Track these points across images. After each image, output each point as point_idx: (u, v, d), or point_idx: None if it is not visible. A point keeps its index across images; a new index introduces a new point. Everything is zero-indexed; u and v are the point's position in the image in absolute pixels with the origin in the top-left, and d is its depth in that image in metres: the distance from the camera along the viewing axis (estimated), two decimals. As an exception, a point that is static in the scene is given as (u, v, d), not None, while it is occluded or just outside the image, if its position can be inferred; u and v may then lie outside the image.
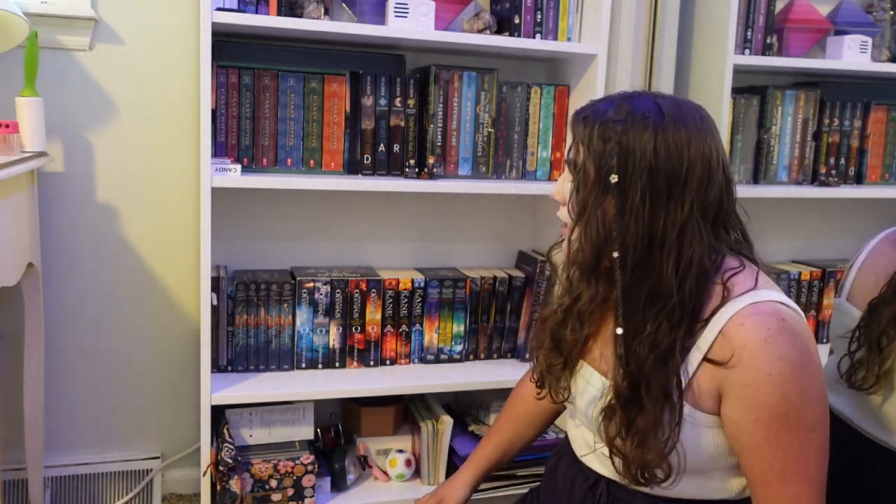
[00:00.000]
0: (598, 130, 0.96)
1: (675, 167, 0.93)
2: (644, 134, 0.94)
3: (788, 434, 0.91)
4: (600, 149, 0.96)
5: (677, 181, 0.93)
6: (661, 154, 0.93)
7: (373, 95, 1.71)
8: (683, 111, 0.97)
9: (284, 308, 1.73)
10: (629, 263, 0.95)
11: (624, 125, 0.95)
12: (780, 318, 0.92)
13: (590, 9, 1.76)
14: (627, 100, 0.98)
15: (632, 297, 0.96)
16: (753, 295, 0.94)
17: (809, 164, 2.03)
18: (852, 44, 1.97)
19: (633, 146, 0.94)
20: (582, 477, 1.13)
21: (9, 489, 1.76)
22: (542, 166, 1.85)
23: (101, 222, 1.79)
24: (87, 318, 1.81)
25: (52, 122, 1.69)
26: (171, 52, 1.76)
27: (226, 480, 1.54)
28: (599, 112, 0.98)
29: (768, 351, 0.90)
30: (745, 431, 0.93)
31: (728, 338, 0.93)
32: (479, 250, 2.02)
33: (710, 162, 0.95)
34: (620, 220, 0.95)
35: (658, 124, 0.94)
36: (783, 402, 0.90)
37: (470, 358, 1.89)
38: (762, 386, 0.90)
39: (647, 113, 0.95)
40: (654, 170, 0.93)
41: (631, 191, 0.94)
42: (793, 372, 0.90)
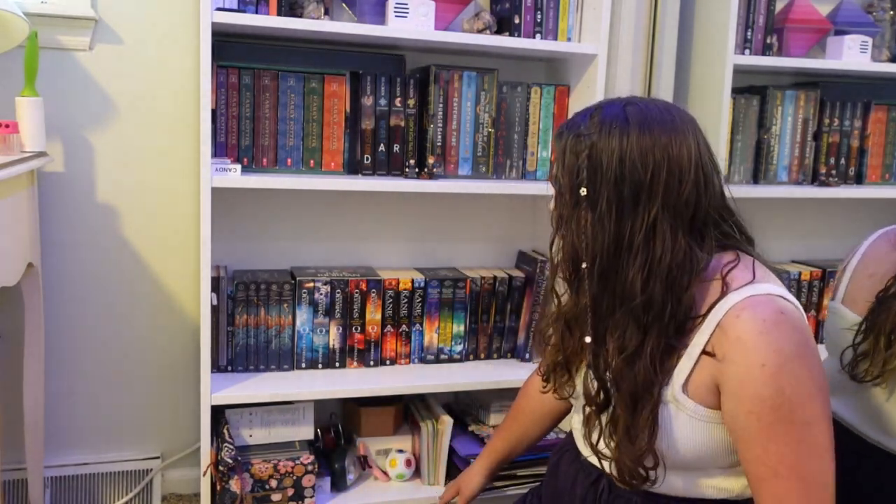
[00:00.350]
0: (571, 144, 0.99)
1: (640, 174, 0.95)
2: (610, 144, 0.96)
3: (782, 428, 0.90)
4: (572, 162, 0.99)
5: (642, 186, 0.95)
6: (625, 162, 0.95)
7: (373, 95, 1.71)
8: (651, 115, 0.98)
9: (284, 308, 1.73)
10: (596, 271, 0.98)
11: (591, 138, 0.97)
12: (777, 309, 0.92)
13: (590, 9, 1.76)
14: (599, 110, 1.00)
15: (601, 304, 0.99)
16: (752, 288, 0.95)
17: (809, 164, 2.03)
18: (852, 44, 1.97)
19: (600, 158, 0.96)
20: (584, 474, 1.13)
21: (9, 489, 1.76)
22: (542, 166, 1.85)
23: (101, 222, 1.79)
24: (87, 318, 1.81)
25: (52, 122, 1.69)
26: (171, 52, 1.76)
27: (226, 480, 1.54)
28: (573, 125, 1.01)
29: (763, 342, 0.90)
30: (740, 424, 0.93)
31: (724, 330, 0.94)
32: (479, 250, 2.02)
33: (679, 163, 0.96)
34: (590, 230, 0.98)
35: (623, 132, 0.96)
36: (777, 395, 0.90)
37: (470, 358, 1.89)
38: (756, 377, 0.90)
39: (614, 122, 0.97)
40: (619, 178, 0.95)
41: (599, 201, 0.97)
42: (788, 364, 0.90)
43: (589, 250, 0.98)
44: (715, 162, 1.01)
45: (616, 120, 0.97)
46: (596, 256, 0.97)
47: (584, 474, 1.13)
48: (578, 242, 0.99)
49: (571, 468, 1.16)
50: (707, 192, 0.98)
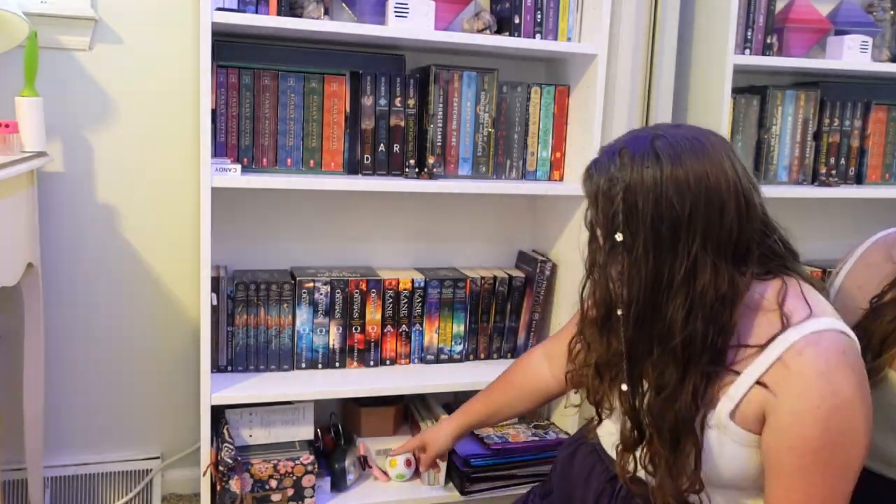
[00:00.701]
0: (604, 187, 0.95)
1: (678, 212, 0.91)
2: (644, 184, 0.92)
3: (818, 469, 0.89)
4: (607, 208, 0.95)
5: (681, 223, 0.91)
6: (662, 202, 0.91)
7: (373, 95, 1.71)
8: (681, 146, 0.94)
9: (284, 308, 1.73)
10: (632, 317, 0.95)
11: (623, 180, 0.93)
12: (840, 349, 0.91)
13: (590, 9, 1.76)
14: (627, 147, 0.96)
15: (636, 348, 0.96)
16: (813, 323, 0.92)
17: (809, 164, 2.03)
18: (852, 44, 1.97)
19: (635, 200, 0.92)
20: (602, 467, 1.13)
21: (9, 489, 1.76)
22: (542, 166, 1.85)
23: (101, 222, 1.79)
24: (87, 318, 1.81)
25: (52, 122, 1.69)
26: (171, 52, 1.76)
27: (226, 480, 1.54)
28: (602, 166, 0.97)
29: (822, 383, 0.88)
30: (776, 456, 0.92)
31: (786, 364, 0.91)
32: (479, 250, 2.02)
33: (718, 192, 0.92)
34: (626, 275, 0.94)
35: (656, 169, 0.92)
36: (823, 436, 0.88)
37: (470, 358, 1.89)
38: (807, 416, 0.88)
39: (646, 160, 0.93)
40: (656, 220, 0.92)
41: (635, 245, 0.93)
42: (841, 409, 0.88)
43: (625, 296, 0.95)
44: (753, 180, 0.97)
45: (646, 156, 0.93)
46: (632, 302, 0.94)
47: (602, 468, 1.13)
48: (614, 288, 0.97)
49: (588, 460, 1.16)
50: (749, 215, 0.95)
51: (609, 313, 0.99)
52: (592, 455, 1.16)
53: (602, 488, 1.11)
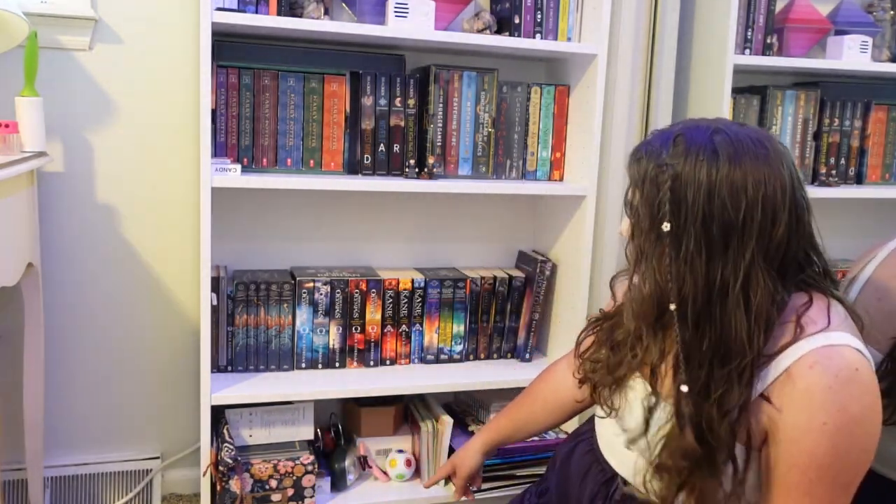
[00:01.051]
0: (652, 173, 0.91)
1: (731, 215, 0.87)
2: (696, 177, 0.88)
3: (821, 487, 0.86)
4: (653, 195, 0.91)
5: (733, 228, 0.88)
6: (715, 201, 0.87)
7: (373, 95, 1.70)
8: (743, 146, 0.89)
9: (284, 308, 1.73)
10: (689, 316, 0.90)
11: (674, 167, 0.89)
12: (851, 366, 0.87)
13: (590, 9, 1.76)
14: (682, 135, 0.92)
15: (696, 351, 0.91)
16: (826, 336, 0.88)
17: (809, 164, 2.03)
18: (852, 44, 1.97)
19: (685, 192, 0.89)
20: (597, 469, 1.11)
21: (9, 489, 1.76)
22: (542, 166, 1.85)
23: (101, 222, 1.79)
24: (86, 318, 1.81)
25: (52, 122, 1.69)
26: (171, 52, 1.76)
27: (226, 480, 1.54)
28: (653, 151, 0.93)
29: (830, 399, 0.85)
30: (779, 472, 0.89)
31: (792, 377, 0.88)
32: (479, 250, 2.02)
33: (774, 202, 0.88)
34: (676, 270, 0.90)
35: (712, 165, 0.88)
36: (828, 454, 0.85)
37: (470, 358, 1.89)
38: (813, 433, 0.85)
39: (701, 153, 0.89)
40: (707, 218, 0.88)
41: (684, 239, 0.89)
42: (849, 426, 0.85)
43: (678, 291, 0.90)
44: (806, 198, 0.93)
45: (703, 149, 0.89)
46: (686, 299, 0.90)
47: (597, 469, 1.11)
48: (664, 282, 0.91)
49: (585, 460, 1.15)
50: (799, 232, 0.91)
51: (660, 309, 0.94)
52: (590, 455, 1.15)
53: (597, 490, 1.10)
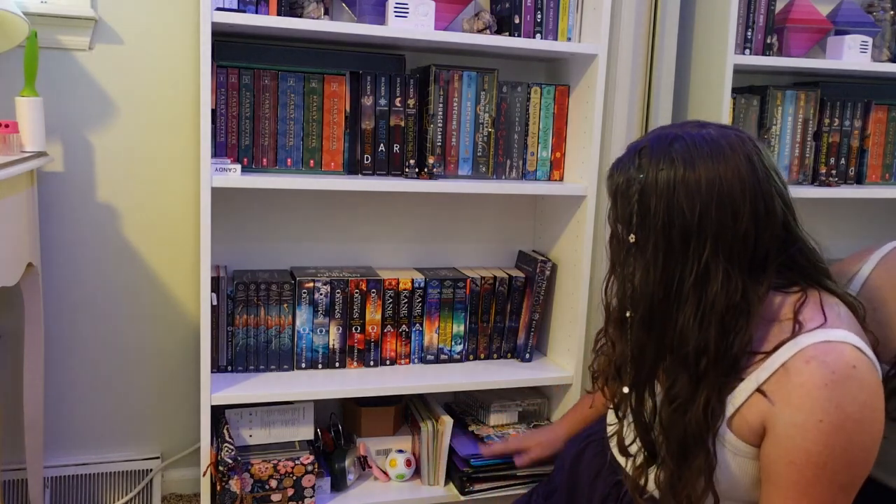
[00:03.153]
0: (622, 187, 0.95)
1: (688, 217, 0.90)
2: (658, 187, 0.91)
3: (818, 486, 0.86)
4: (624, 208, 0.95)
5: (691, 229, 0.90)
6: (674, 207, 0.90)
7: (373, 95, 1.70)
8: (698, 149, 0.91)
9: (284, 308, 1.73)
10: (640, 320, 0.94)
11: (640, 181, 0.93)
12: (849, 363, 0.86)
13: (590, 9, 1.76)
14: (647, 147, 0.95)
15: (644, 352, 0.94)
16: (825, 332, 0.89)
17: (809, 164, 2.03)
18: (852, 44, 1.97)
19: (648, 203, 0.92)
20: (609, 471, 1.11)
21: (9, 489, 1.76)
22: (542, 166, 1.85)
23: (101, 222, 1.79)
24: (87, 318, 1.81)
25: (52, 122, 1.69)
26: (171, 52, 1.76)
27: (226, 480, 1.54)
28: (623, 166, 0.97)
29: (826, 396, 0.85)
30: (776, 470, 0.89)
31: (789, 373, 0.88)
32: (479, 250, 2.02)
33: (731, 198, 0.90)
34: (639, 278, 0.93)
35: (669, 172, 0.91)
36: (825, 452, 0.85)
37: (470, 358, 1.89)
38: (809, 430, 0.85)
39: (661, 162, 0.92)
40: (667, 224, 0.91)
41: (647, 247, 0.92)
42: (846, 425, 0.85)
43: (634, 298, 0.94)
44: (778, 186, 0.95)
45: (662, 158, 0.92)
46: (639, 304, 0.94)
47: (608, 471, 1.12)
48: (626, 290, 0.96)
49: (596, 461, 1.15)
50: (769, 221, 0.92)
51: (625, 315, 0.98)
52: (601, 456, 1.15)
53: (608, 492, 1.10)
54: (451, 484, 1.77)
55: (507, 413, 1.89)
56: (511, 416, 1.89)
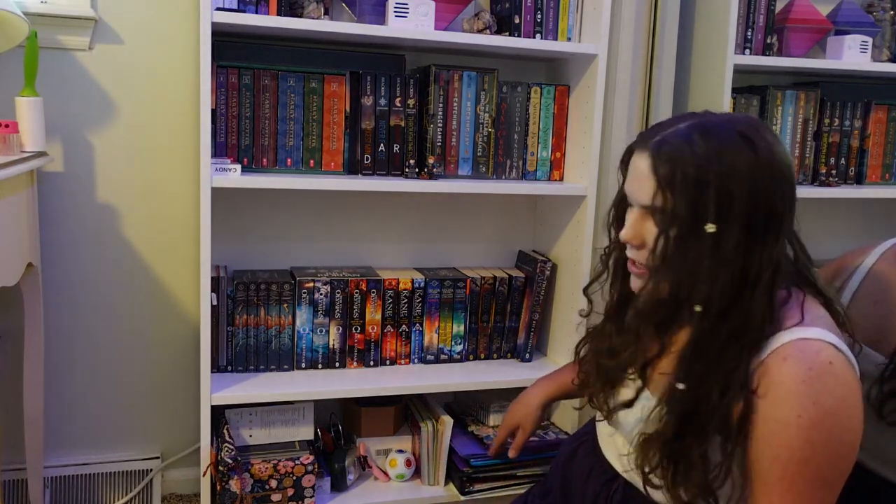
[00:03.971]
0: (693, 173, 0.88)
1: (774, 200, 0.87)
2: (740, 171, 0.86)
3: (802, 482, 0.87)
4: (695, 196, 0.88)
5: (775, 214, 0.88)
6: (759, 194, 0.87)
7: (373, 95, 1.70)
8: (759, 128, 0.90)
9: (284, 308, 1.73)
10: (713, 312, 0.89)
11: (719, 165, 0.87)
12: (825, 360, 0.87)
13: (590, 9, 1.76)
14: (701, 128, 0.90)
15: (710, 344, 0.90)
16: (802, 330, 0.89)
17: (810, 164, 2.03)
18: (852, 44, 1.97)
19: (731, 188, 0.86)
20: (600, 469, 1.12)
21: (9, 489, 1.76)
22: (542, 166, 1.85)
23: (101, 222, 1.79)
24: (86, 318, 1.81)
25: (52, 122, 1.69)
26: (171, 52, 1.76)
27: (226, 480, 1.54)
28: (681, 148, 0.89)
29: (804, 392, 0.85)
30: (761, 467, 0.89)
31: (768, 369, 0.89)
32: (479, 250, 2.02)
33: (793, 177, 0.90)
34: (710, 269, 0.88)
35: (749, 154, 0.87)
36: (806, 448, 0.86)
37: (470, 358, 1.89)
38: (790, 426, 0.86)
39: (738, 148, 0.87)
40: (751, 209, 0.87)
41: (728, 236, 0.87)
42: (825, 420, 0.85)
43: (705, 292, 0.88)
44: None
45: (731, 140, 0.87)
46: (715, 297, 0.88)
47: (599, 470, 1.12)
48: (690, 284, 0.89)
49: (588, 460, 1.15)
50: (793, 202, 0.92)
51: (678, 308, 0.93)
52: (592, 455, 1.15)
53: (599, 489, 1.10)
54: (451, 484, 1.77)
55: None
56: (511, 416, 1.89)
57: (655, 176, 0.91)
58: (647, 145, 0.94)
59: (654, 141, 0.93)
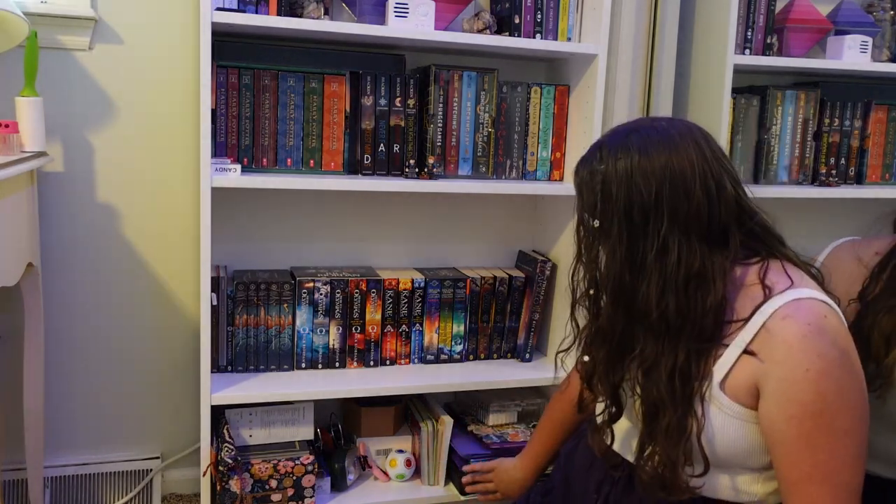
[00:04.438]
0: (586, 179, 1.04)
1: (645, 197, 0.98)
2: (617, 174, 1.00)
3: (820, 435, 0.91)
4: (588, 199, 1.04)
5: (649, 208, 0.98)
6: (632, 189, 0.99)
7: (373, 95, 1.70)
8: (650, 138, 1.01)
9: (284, 308, 1.73)
10: (610, 296, 1.02)
11: (601, 172, 1.02)
12: (821, 315, 0.94)
13: (590, 9, 1.76)
14: (605, 142, 1.04)
15: (614, 324, 1.03)
16: (795, 291, 0.96)
17: (810, 164, 2.02)
18: (852, 44, 1.97)
19: (610, 189, 1.01)
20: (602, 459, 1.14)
21: (9, 489, 1.76)
22: (542, 166, 1.85)
23: (101, 222, 1.79)
24: (87, 318, 1.81)
25: (52, 122, 1.69)
26: (171, 52, 1.76)
27: (226, 480, 1.54)
28: (586, 161, 1.05)
29: (808, 346, 0.91)
30: (778, 428, 0.93)
31: (770, 332, 0.95)
32: (479, 250, 2.02)
33: (683, 178, 0.98)
34: (606, 259, 1.02)
35: (627, 161, 1.00)
36: (818, 401, 0.90)
37: (470, 358, 1.89)
38: (798, 382, 0.91)
39: (619, 151, 1.01)
40: (627, 206, 0.99)
41: (611, 230, 1.01)
42: (830, 370, 0.91)
43: (602, 277, 1.03)
44: (727, 167, 1.03)
45: (620, 149, 1.01)
46: (607, 281, 1.02)
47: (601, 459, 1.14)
48: (593, 273, 1.05)
49: (589, 452, 1.17)
50: (721, 198, 1.00)
51: (593, 296, 1.06)
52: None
53: (603, 477, 1.13)
54: (450, 484, 1.77)
55: (507, 413, 1.89)
56: (511, 416, 1.89)
57: (573, 184, 1.10)
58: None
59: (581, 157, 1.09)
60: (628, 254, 1.00)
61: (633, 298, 1.00)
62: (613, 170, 1.00)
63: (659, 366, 0.99)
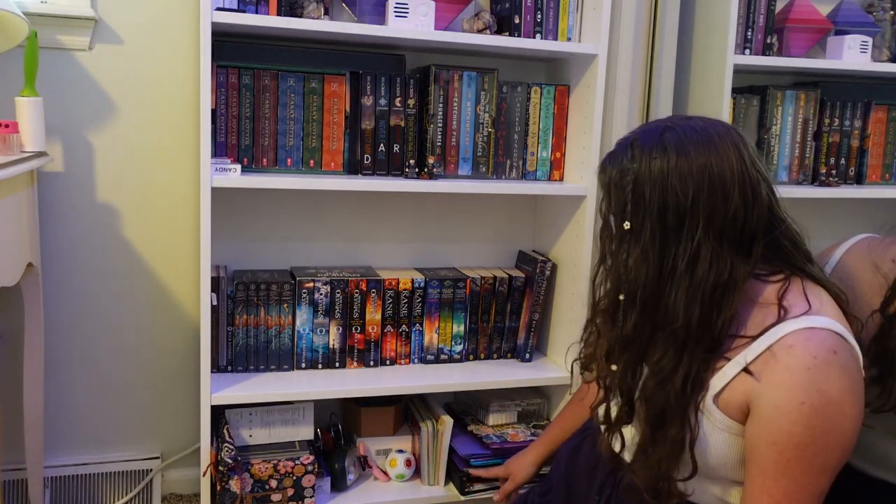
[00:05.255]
0: (615, 178, 1.00)
1: (682, 200, 0.94)
2: (651, 174, 0.96)
3: (798, 467, 0.89)
4: (618, 198, 1.00)
5: (685, 212, 0.94)
6: (668, 191, 0.95)
7: (373, 95, 1.71)
8: (688, 138, 0.96)
9: (284, 308, 1.73)
10: (637, 302, 0.97)
11: (633, 171, 0.97)
12: (830, 348, 0.90)
13: (590, 9, 1.76)
14: (637, 139, 1.00)
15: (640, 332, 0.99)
16: (810, 319, 0.93)
17: (810, 164, 2.03)
18: (852, 44, 1.97)
19: (643, 190, 0.96)
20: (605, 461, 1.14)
21: (9, 489, 1.76)
22: (542, 166, 1.85)
23: (101, 222, 1.79)
24: (86, 318, 1.81)
25: (52, 122, 1.69)
26: (171, 52, 1.76)
27: (226, 480, 1.54)
28: (616, 158, 1.01)
29: (808, 379, 0.89)
30: (759, 450, 0.92)
31: (775, 356, 0.92)
32: (479, 250, 2.02)
33: (722, 181, 0.94)
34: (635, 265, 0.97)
35: (663, 160, 0.95)
36: (805, 434, 0.88)
37: (470, 358, 1.89)
38: (791, 412, 0.89)
39: (654, 150, 0.97)
40: (662, 208, 0.95)
41: (643, 233, 0.96)
42: (826, 408, 0.88)
43: (629, 282, 0.98)
44: (762, 171, 0.99)
45: (655, 148, 0.97)
46: (634, 287, 0.98)
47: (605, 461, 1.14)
48: (620, 275, 1.00)
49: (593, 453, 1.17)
50: (755, 204, 0.97)
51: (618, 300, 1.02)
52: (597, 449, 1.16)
53: (605, 479, 1.12)
54: (451, 484, 1.77)
55: (507, 413, 1.89)
56: (511, 416, 1.89)
57: (599, 182, 1.05)
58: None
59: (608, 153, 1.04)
60: (659, 258, 0.96)
61: (658, 306, 0.96)
62: (647, 169, 0.96)
63: (676, 374, 0.96)
